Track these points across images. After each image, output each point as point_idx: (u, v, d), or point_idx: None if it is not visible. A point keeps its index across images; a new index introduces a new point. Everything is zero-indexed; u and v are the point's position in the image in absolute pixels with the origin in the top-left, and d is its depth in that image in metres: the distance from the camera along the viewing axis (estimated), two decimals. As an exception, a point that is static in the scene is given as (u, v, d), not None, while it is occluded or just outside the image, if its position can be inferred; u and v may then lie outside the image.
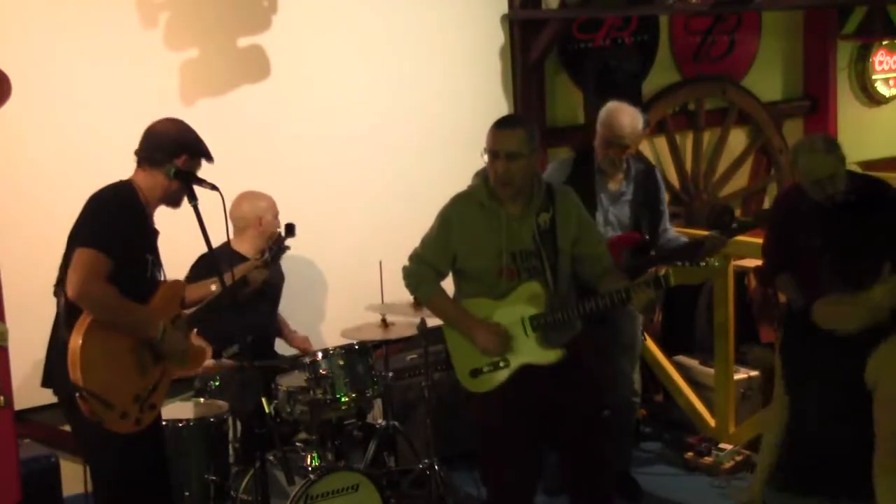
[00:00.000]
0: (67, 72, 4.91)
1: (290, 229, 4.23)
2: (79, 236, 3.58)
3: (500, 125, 3.91)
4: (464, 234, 3.93)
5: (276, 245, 4.27)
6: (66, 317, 3.56)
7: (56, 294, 3.65)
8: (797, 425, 4.04)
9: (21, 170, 4.85)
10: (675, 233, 5.09)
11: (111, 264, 3.52)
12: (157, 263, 3.76)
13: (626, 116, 4.81)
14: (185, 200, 3.70)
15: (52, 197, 4.81)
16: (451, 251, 3.96)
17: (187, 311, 3.90)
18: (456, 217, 3.95)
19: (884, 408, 2.87)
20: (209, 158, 3.79)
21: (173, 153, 3.68)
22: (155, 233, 3.78)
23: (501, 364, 3.91)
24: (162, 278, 3.78)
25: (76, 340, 3.49)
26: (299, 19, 5.47)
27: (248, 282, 4.14)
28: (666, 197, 5.24)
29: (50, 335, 3.69)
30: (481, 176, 4.07)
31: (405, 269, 4.08)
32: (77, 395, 3.48)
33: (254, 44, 5.36)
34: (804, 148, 4.31)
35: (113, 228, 3.57)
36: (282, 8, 5.41)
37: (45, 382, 3.71)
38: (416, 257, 4.07)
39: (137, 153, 3.72)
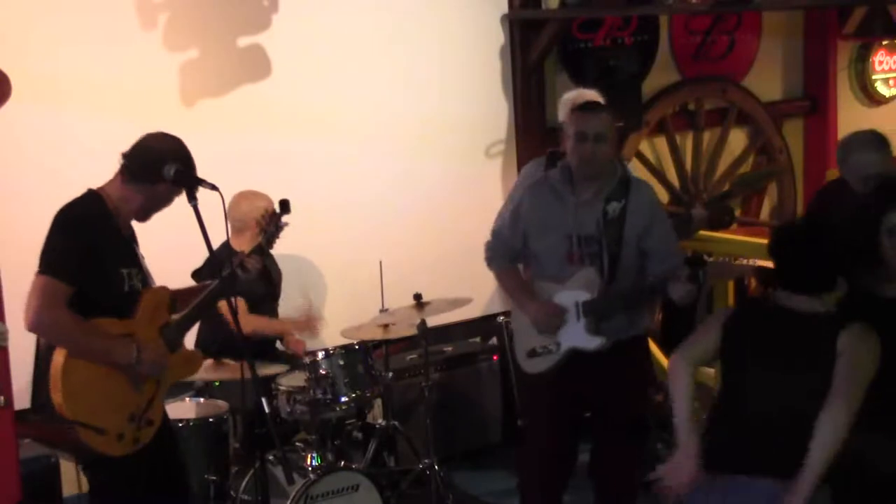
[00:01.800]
0: (67, 72, 4.91)
1: (285, 205, 3.96)
2: (40, 260, 3.44)
3: (588, 108, 4.06)
4: (533, 214, 4.02)
5: (271, 223, 3.99)
6: (47, 344, 3.43)
7: None
8: None
9: (21, 170, 4.84)
10: None
11: (69, 290, 3.36)
12: (139, 273, 3.59)
13: (588, 98, 4.83)
14: (187, 199, 3.51)
15: (52, 197, 4.74)
16: (521, 230, 4.06)
17: (176, 315, 3.73)
18: (528, 197, 4.06)
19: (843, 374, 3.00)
20: (188, 187, 3.54)
21: (158, 174, 3.50)
22: (129, 242, 3.62)
23: (552, 348, 3.97)
24: (147, 286, 3.62)
25: (56, 367, 3.34)
26: (299, 19, 5.47)
27: (245, 267, 3.87)
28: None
29: (34, 361, 3.57)
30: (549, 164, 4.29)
31: (486, 243, 4.23)
32: (66, 427, 3.34)
33: (254, 43, 5.36)
34: (856, 143, 4.28)
35: (69, 253, 3.40)
36: (282, 8, 5.41)
37: (35, 411, 3.61)
38: (494, 232, 4.24)
39: (123, 157, 3.56)
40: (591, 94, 4.90)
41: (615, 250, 3.91)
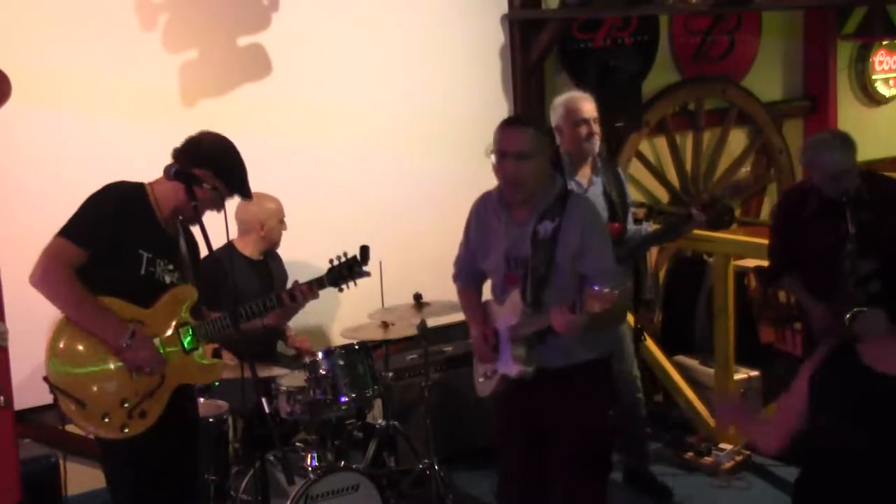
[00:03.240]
0: (67, 72, 4.91)
1: (365, 252, 3.97)
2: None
3: (509, 124, 3.84)
4: (477, 233, 3.89)
5: (345, 269, 4.00)
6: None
7: None
8: None
9: (21, 170, 4.85)
10: (634, 225, 5.12)
11: (80, 254, 3.41)
12: (171, 267, 3.61)
13: (580, 99, 4.91)
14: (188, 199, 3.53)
15: (52, 197, 4.80)
16: (471, 249, 3.93)
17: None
18: (474, 215, 3.92)
19: None
20: (236, 190, 3.62)
21: (196, 165, 3.55)
22: (170, 237, 3.64)
23: (489, 373, 3.83)
24: (174, 283, 3.63)
25: (50, 332, 3.42)
26: (299, 19, 5.47)
27: (294, 297, 3.92)
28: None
29: None
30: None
31: (455, 259, 4.08)
32: (48, 386, 3.40)
33: (254, 43, 5.36)
34: (820, 143, 4.32)
35: (92, 219, 3.46)
36: (282, 7, 5.41)
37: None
38: (458, 251, 4.06)
39: (172, 154, 3.60)
40: (582, 97, 4.93)
41: (542, 273, 3.62)
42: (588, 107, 4.88)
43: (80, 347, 3.45)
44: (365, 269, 4.01)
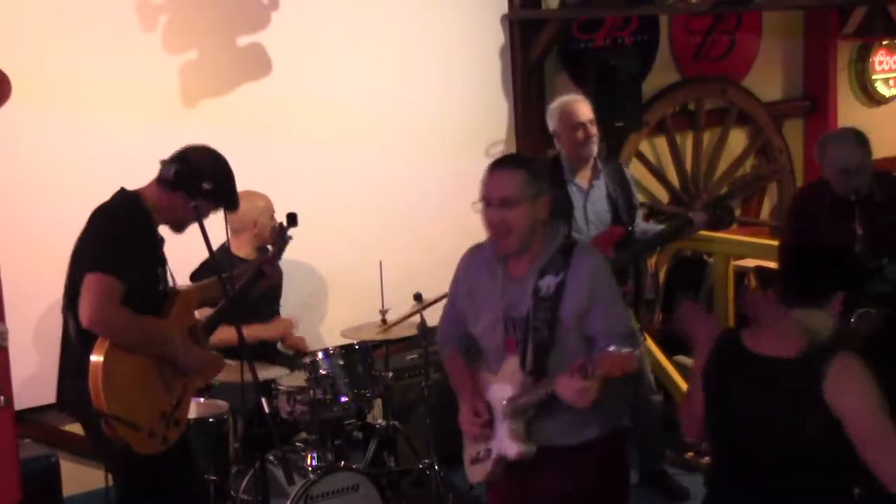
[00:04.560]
0: (67, 72, 4.91)
1: (292, 219, 4.05)
2: (87, 258, 3.48)
3: (496, 166, 3.25)
4: (468, 293, 3.35)
5: (279, 237, 4.13)
6: (82, 340, 3.46)
7: (64, 315, 3.57)
8: None
9: (21, 170, 4.84)
10: (644, 224, 5.15)
11: (123, 287, 3.42)
12: (165, 273, 3.68)
13: (576, 102, 4.92)
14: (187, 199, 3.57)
15: (52, 198, 4.81)
16: (459, 310, 3.41)
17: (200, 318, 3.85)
18: (463, 270, 3.40)
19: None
20: (228, 205, 3.69)
21: (193, 185, 3.56)
22: (159, 244, 3.70)
23: (482, 454, 3.32)
24: (171, 285, 3.71)
25: (97, 364, 3.38)
26: (299, 18, 5.47)
27: (263, 273, 3.97)
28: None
29: (60, 358, 3.62)
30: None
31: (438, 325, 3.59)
32: (103, 421, 3.38)
33: (254, 42, 5.36)
34: (834, 138, 4.33)
35: (123, 251, 3.46)
36: (282, 6, 5.41)
37: (61, 408, 3.69)
38: (443, 311, 3.54)
39: (162, 164, 3.62)
40: (577, 100, 4.94)
41: (545, 335, 3.11)
42: (584, 110, 4.88)
43: (126, 371, 3.46)
44: (289, 234, 4.07)
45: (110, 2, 5.01)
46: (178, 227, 3.68)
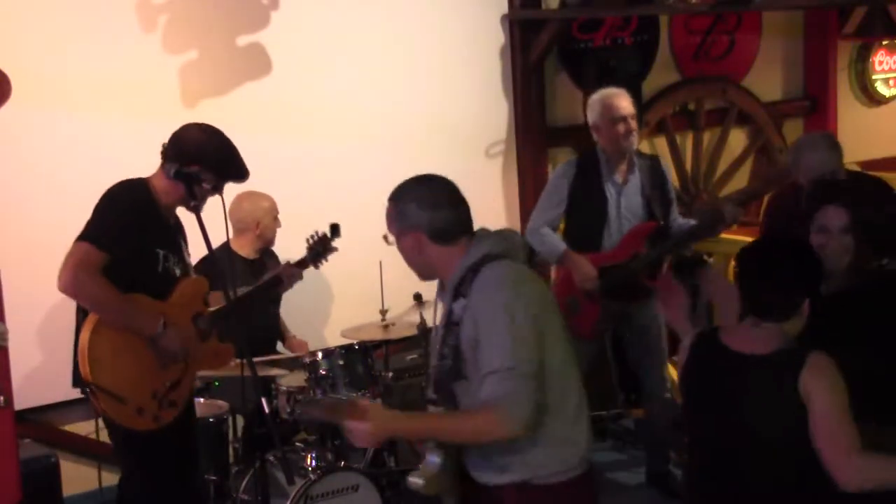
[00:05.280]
0: (67, 72, 4.90)
1: (336, 230, 4.13)
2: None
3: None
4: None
5: (319, 246, 4.21)
6: (81, 314, 3.59)
7: None
8: None
9: (21, 170, 4.84)
10: (682, 219, 5.14)
11: (105, 257, 3.50)
12: (177, 259, 3.74)
13: (617, 95, 4.92)
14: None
15: (52, 197, 4.81)
16: None
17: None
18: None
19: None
20: (224, 178, 3.71)
21: (191, 161, 3.63)
22: (172, 229, 3.76)
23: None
24: (185, 275, 3.77)
25: (85, 335, 3.50)
26: (299, 17, 5.47)
27: (280, 280, 4.08)
28: (673, 180, 5.28)
29: (74, 336, 3.69)
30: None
31: None
32: (87, 389, 3.49)
33: (254, 42, 5.36)
34: (805, 145, 4.34)
35: (110, 222, 3.54)
36: (282, 6, 5.41)
37: (74, 383, 3.72)
38: None
39: (162, 153, 3.70)
40: (618, 93, 4.94)
41: (450, 365, 2.80)
42: (625, 104, 4.88)
43: (115, 345, 3.55)
44: (334, 244, 4.19)
45: (110, 2, 5.00)
46: (189, 206, 3.70)
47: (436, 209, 3.00)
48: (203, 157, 3.65)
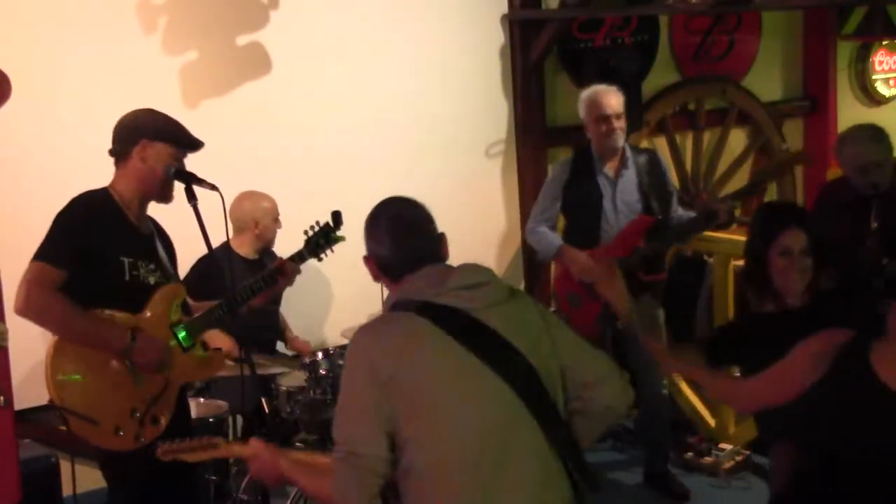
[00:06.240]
0: (68, 72, 4.91)
1: (337, 218, 3.88)
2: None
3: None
4: None
5: (321, 236, 3.96)
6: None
7: None
8: None
9: (21, 170, 4.84)
10: (682, 211, 5.15)
11: (62, 274, 3.33)
12: (151, 267, 3.54)
13: (603, 93, 4.95)
14: (186, 199, 3.49)
15: (52, 198, 4.74)
16: None
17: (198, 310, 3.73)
18: None
19: None
20: (172, 141, 3.50)
21: (131, 141, 3.50)
22: (145, 237, 3.58)
23: None
24: (162, 283, 3.59)
25: (47, 356, 3.33)
26: (299, 17, 5.47)
27: (283, 271, 3.84)
28: (673, 180, 5.30)
29: None
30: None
31: None
32: (58, 414, 3.31)
33: (253, 42, 5.36)
34: (849, 136, 4.34)
35: (63, 237, 3.38)
36: (282, 6, 5.41)
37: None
38: None
39: (110, 153, 3.58)
40: (605, 91, 4.97)
41: None
42: (612, 101, 4.90)
43: (81, 364, 3.38)
44: (339, 233, 3.90)
45: (111, 3, 5.00)
46: (161, 197, 3.56)
47: (380, 245, 2.94)
48: (141, 128, 3.50)
